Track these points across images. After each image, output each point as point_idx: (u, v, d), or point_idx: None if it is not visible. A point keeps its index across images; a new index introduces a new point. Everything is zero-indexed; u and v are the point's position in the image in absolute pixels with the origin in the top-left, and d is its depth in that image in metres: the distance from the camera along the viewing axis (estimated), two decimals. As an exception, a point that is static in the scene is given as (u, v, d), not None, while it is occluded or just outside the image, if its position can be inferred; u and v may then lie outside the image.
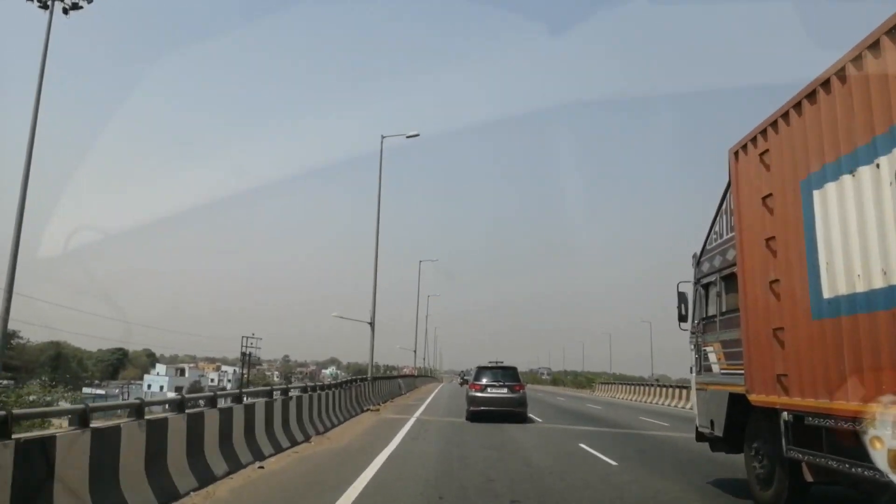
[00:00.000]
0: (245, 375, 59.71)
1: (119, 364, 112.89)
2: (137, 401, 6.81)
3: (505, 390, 17.47)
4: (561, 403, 30.51)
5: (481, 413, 17.06)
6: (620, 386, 44.04)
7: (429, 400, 28.46)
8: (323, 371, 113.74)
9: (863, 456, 4.69)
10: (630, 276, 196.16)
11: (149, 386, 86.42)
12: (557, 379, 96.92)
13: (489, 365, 18.53)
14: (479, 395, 17.43)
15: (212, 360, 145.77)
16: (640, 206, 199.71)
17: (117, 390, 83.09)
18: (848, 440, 5.02)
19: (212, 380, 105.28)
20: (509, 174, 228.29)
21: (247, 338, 57.98)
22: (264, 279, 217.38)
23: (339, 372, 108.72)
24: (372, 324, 24.32)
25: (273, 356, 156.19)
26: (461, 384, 70.19)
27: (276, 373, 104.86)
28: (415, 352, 45.20)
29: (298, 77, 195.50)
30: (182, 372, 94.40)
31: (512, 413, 17.24)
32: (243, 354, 57.51)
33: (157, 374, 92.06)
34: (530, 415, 18.62)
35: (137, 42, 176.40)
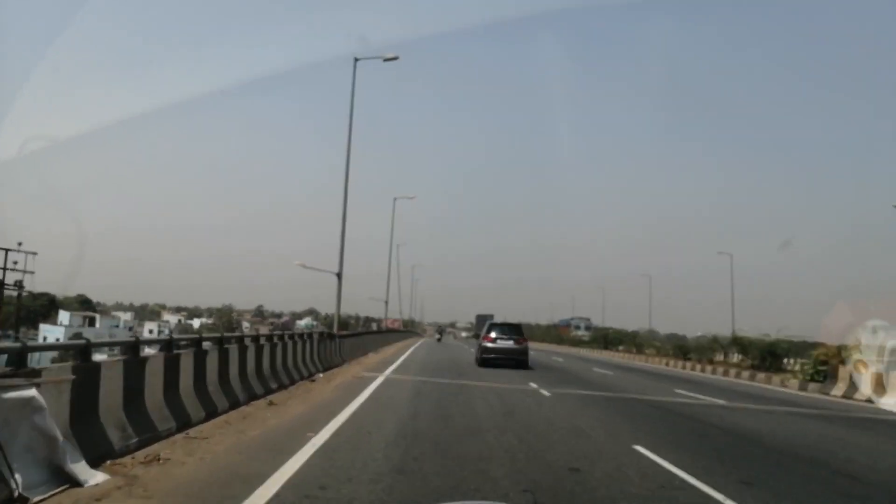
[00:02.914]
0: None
1: (45, 312, 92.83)
2: None
3: (511, 342, 21.65)
4: None
5: (491, 360, 21.23)
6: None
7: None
8: (298, 322, 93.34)
9: None
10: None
11: (44, 338, 67.17)
12: (609, 336, 49.80)
13: (499, 322, 24.48)
14: (490, 345, 21.55)
15: (180, 310, 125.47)
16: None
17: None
18: None
19: (150, 331, 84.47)
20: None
21: (5, 250, 31.62)
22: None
23: (315, 323, 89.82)
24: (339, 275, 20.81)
25: (250, 305, 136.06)
26: (439, 340, 61.44)
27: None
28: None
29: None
30: (91, 322, 70.96)
31: (516, 361, 21.24)
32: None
33: (61, 323, 69.97)
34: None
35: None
